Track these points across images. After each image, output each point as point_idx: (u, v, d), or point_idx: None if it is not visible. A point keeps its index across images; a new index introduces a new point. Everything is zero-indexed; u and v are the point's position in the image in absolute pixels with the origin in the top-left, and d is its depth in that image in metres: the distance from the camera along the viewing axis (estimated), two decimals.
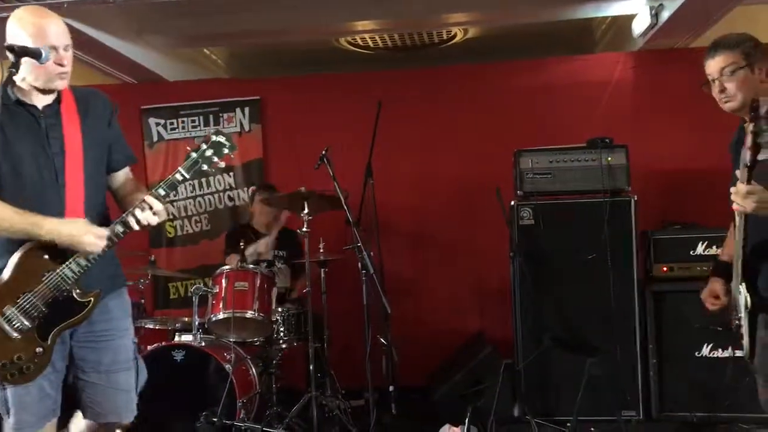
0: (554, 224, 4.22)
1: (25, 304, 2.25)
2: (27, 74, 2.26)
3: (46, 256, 2.26)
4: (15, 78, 2.24)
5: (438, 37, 5.58)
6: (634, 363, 4.10)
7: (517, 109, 5.23)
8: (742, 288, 2.34)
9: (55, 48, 2.24)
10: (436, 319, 5.19)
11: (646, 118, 5.05)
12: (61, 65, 2.27)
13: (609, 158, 4.20)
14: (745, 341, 2.38)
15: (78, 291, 2.30)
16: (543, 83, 5.31)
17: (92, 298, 2.32)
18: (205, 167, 2.34)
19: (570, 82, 5.30)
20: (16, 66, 2.15)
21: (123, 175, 2.56)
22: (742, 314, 2.38)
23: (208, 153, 2.33)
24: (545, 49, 5.60)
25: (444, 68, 5.53)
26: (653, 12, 4.64)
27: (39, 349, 2.27)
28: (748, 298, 2.31)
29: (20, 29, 2.24)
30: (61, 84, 2.31)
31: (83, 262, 2.27)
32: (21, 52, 2.17)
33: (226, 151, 2.34)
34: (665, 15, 4.54)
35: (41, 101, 2.34)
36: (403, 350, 4.30)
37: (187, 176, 2.32)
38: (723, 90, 2.40)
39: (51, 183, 2.30)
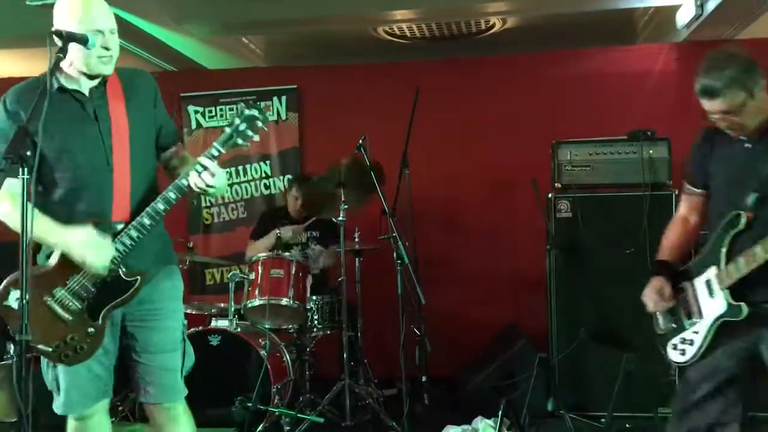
0: (592, 217, 4.16)
1: (74, 285, 2.28)
2: (75, 60, 2.27)
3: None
4: (62, 64, 2.26)
5: (476, 26, 5.53)
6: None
7: (555, 100, 5.17)
8: (724, 295, 2.32)
9: (101, 32, 2.26)
10: (470, 310, 5.17)
11: (689, 111, 4.89)
12: (107, 49, 2.27)
13: (650, 151, 4.13)
14: (696, 347, 2.39)
15: (124, 270, 2.31)
16: (583, 74, 5.24)
17: (139, 277, 2.32)
18: (240, 141, 2.29)
19: (610, 73, 5.22)
20: (63, 51, 2.17)
21: (172, 150, 2.56)
22: (704, 320, 2.38)
23: (242, 127, 2.28)
24: (585, 40, 5.52)
25: (482, 58, 5.49)
26: (698, 2, 4.54)
27: (91, 329, 2.29)
28: (743, 308, 2.27)
29: (67, 14, 2.25)
30: (107, 69, 2.33)
31: (127, 241, 2.28)
32: (68, 37, 2.19)
33: (259, 124, 2.29)
34: (711, 6, 4.44)
35: (87, 85, 2.36)
36: (435, 341, 4.29)
37: (222, 150, 2.28)
38: (732, 127, 2.36)
39: (101, 166, 2.32)
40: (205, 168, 2.26)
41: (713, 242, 2.43)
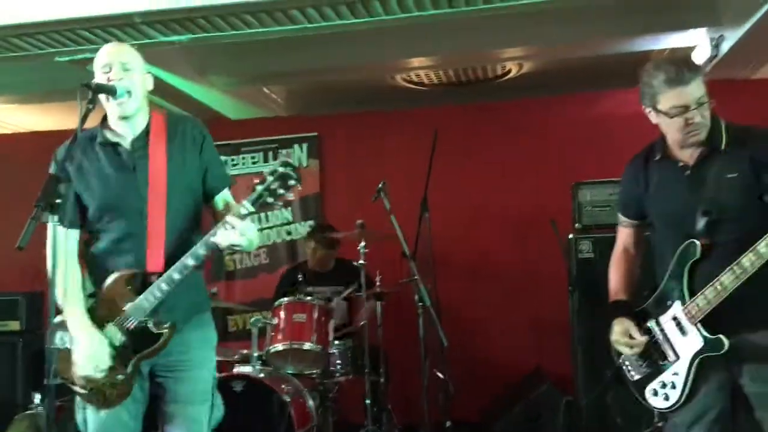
0: None
1: (108, 333, 2.32)
2: (109, 110, 2.39)
3: (129, 287, 2.33)
4: (108, 119, 2.40)
5: (492, 72, 5.61)
6: None
7: (573, 143, 5.21)
8: (697, 330, 2.23)
9: (108, 65, 2.35)
10: (492, 353, 5.14)
11: None
12: (109, 80, 2.32)
13: None
14: (679, 390, 2.27)
15: (153, 322, 2.31)
16: (599, 116, 5.28)
17: (166, 331, 2.32)
18: (270, 200, 2.24)
19: (627, 114, 5.20)
20: (92, 102, 2.24)
21: (221, 200, 2.51)
22: (682, 360, 2.27)
23: (274, 186, 2.24)
24: (601, 83, 5.57)
25: (499, 103, 5.57)
26: (714, 43, 4.58)
27: (120, 377, 2.31)
28: (724, 340, 2.17)
29: (94, 67, 2.39)
30: (123, 108, 2.35)
31: (157, 294, 2.28)
32: (97, 89, 2.28)
33: (292, 182, 2.25)
34: (726, 46, 4.47)
35: (129, 133, 2.41)
36: (459, 384, 4.26)
37: (252, 209, 2.23)
38: (700, 125, 2.25)
39: (137, 216, 2.36)
40: (233, 227, 2.22)
41: (670, 276, 2.33)
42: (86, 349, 2.29)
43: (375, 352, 4.25)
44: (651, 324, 2.39)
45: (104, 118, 2.43)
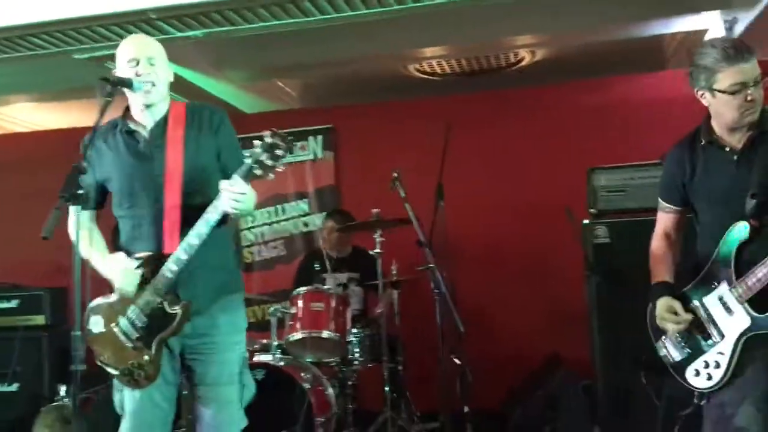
0: (630, 242, 4.12)
1: (132, 314, 2.39)
2: (131, 101, 2.46)
3: (146, 269, 2.39)
4: (132, 109, 2.47)
5: (505, 60, 5.62)
6: None
7: (588, 129, 5.21)
8: (744, 309, 2.23)
9: (135, 60, 2.41)
10: (510, 339, 5.16)
11: None
12: (138, 75, 2.38)
13: None
14: (724, 368, 2.27)
15: (167, 302, 2.35)
16: (614, 102, 5.27)
17: (178, 309, 2.34)
18: (259, 172, 2.22)
19: (641, 99, 5.24)
20: (111, 95, 2.30)
21: None
22: (727, 339, 2.27)
23: (263, 157, 2.21)
24: (614, 68, 5.56)
25: (513, 91, 5.57)
26: (727, 26, 4.55)
27: (146, 358, 2.37)
28: None
29: (117, 58, 2.46)
30: (148, 98, 2.41)
31: (168, 275, 2.33)
32: (115, 82, 2.35)
33: (280, 152, 2.21)
34: (739, 28, 4.45)
35: (150, 121, 2.48)
36: (477, 373, 4.28)
37: (242, 180, 2.24)
38: (758, 105, 2.25)
39: (153, 202, 2.43)
40: (228, 192, 2.24)
41: (716, 257, 2.33)
42: (118, 266, 2.38)
43: (393, 339, 4.29)
44: (695, 304, 2.40)
45: (127, 108, 2.51)
